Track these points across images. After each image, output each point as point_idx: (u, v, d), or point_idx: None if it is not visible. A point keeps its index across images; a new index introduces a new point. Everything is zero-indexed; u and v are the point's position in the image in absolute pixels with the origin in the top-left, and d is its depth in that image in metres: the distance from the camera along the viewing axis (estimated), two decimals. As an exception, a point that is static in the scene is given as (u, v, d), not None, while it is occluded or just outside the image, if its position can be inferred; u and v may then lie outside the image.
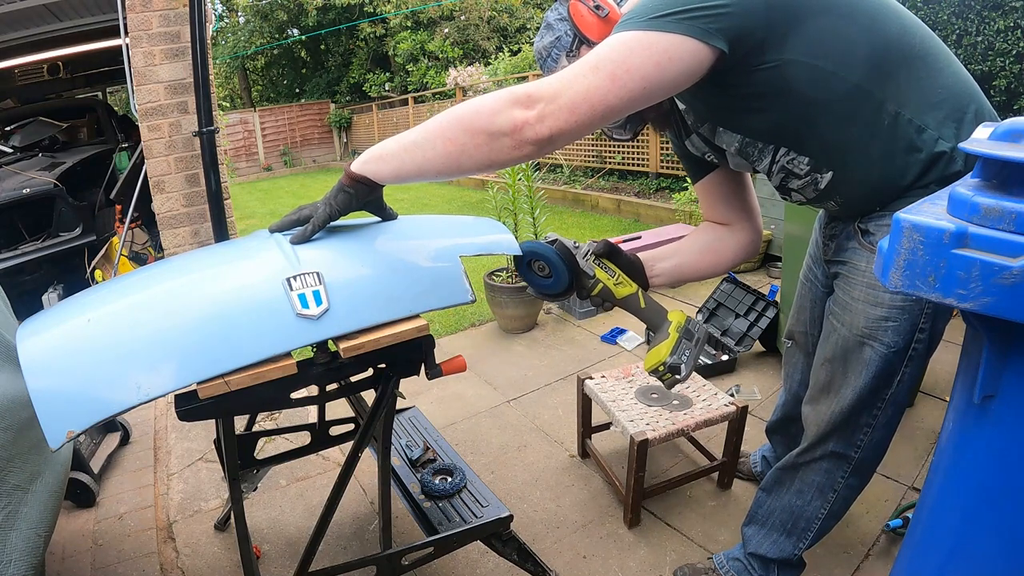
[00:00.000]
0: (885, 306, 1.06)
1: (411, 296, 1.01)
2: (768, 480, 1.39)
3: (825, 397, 1.20)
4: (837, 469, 1.23)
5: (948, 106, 0.96)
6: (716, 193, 1.28)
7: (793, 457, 1.30)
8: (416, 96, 11.44)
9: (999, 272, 0.56)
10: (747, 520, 1.44)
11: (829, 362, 1.18)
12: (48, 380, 0.82)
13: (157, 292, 0.98)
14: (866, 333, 1.09)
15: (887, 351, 1.08)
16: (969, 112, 0.97)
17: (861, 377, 1.11)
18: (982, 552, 0.72)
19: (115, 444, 2.17)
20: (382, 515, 1.22)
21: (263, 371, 0.89)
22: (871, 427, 1.16)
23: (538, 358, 2.83)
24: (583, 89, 0.82)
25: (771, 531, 1.36)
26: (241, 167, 13.50)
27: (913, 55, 0.95)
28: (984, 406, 0.68)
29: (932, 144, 0.95)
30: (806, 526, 1.30)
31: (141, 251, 4.04)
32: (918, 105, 0.95)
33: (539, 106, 0.82)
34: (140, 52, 2.44)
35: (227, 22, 15.74)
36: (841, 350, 1.14)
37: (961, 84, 0.98)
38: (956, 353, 0.79)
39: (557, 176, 7.31)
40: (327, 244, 1.04)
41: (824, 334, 1.21)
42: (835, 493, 1.25)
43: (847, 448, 1.20)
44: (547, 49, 1.03)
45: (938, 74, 0.96)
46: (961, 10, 3.26)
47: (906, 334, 1.06)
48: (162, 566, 1.65)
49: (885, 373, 1.10)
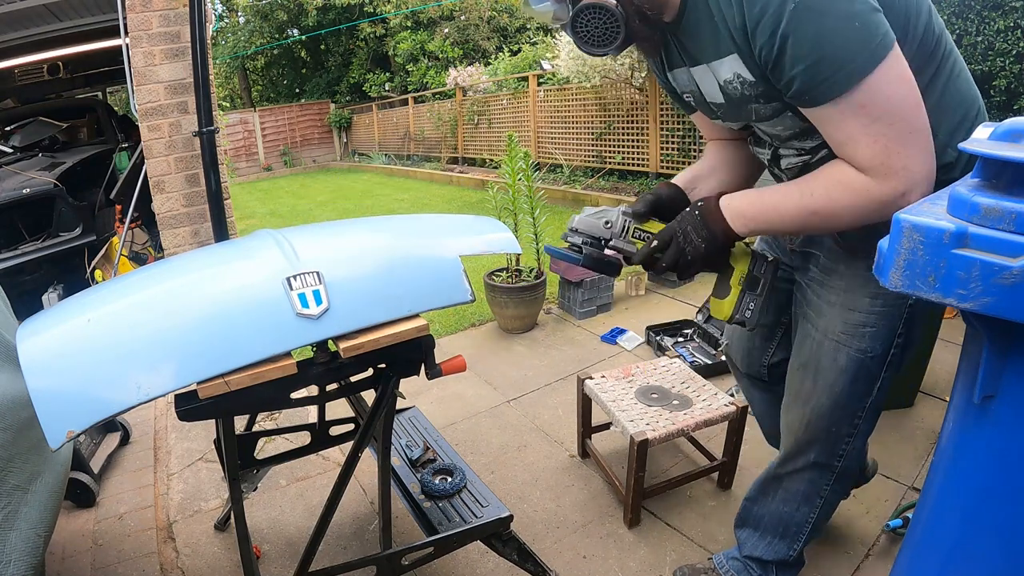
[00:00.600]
0: (863, 311, 1.02)
1: (411, 296, 1.01)
2: (752, 490, 1.38)
3: (801, 404, 1.16)
4: (820, 479, 1.20)
5: (960, 113, 0.92)
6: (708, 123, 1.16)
7: (775, 468, 1.27)
8: (416, 96, 11.45)
9: (999, 272, 0.56)
10: (738, 523, 1.43)
11: (803, 367, 1.14)
12: (48, 380, 0.82)
13: (157, 292, 0.98)
14: (842, 339, 1.05)
15: (864, 357, 1.04)
16: (979, 120, 0.93)
17: (837, 384, 1.08)
18: (982, 552, 0.72)
19: (115, 444, 2.16)
20: (382, 515, 1.22)
21: (263, 371, 0.90)
22: (852, 436, 1.13)
23: (538, 358, 2.83)
24: (898, 140, 0.80)
25: (764, 534, 1.34)
26: (241, 167, 13.51)
27: (943, 48, 0.90)
28: (984, 406, 0.68)
29: (940, 153, 0.89)
30: (797, 530, 1.29)
31: (141, 251, 4.04)
32: (936, 105, 0.89)
33: (893, 181, 0.81)
34: (140, 52, 2.44)
35: (227, 22, 15.74)
36: (815, 355, 1.10)
37: (972, 92, 0.95)
38: (956, 353, 0.79)
39: (557, 176, 7.31)
40: (327, 244, 1.04)
41: (798, 339, 1.17)
42: (821, 499, 1.23)
43: (829, 458, 1.17)
44: None
45: (956, 78, 0.92)
46: (961, 10, 3.26)
47: (885, 340, 1.03)
48: (162, 566, 1.65)
49: (863, 379, 1.07)
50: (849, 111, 0.79)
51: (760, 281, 1.01)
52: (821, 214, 0.87)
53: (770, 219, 0.93)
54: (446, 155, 10.35)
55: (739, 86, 0.90)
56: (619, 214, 1.03)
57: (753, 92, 0.89)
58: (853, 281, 1.03)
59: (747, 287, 1.01)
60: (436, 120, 10.41)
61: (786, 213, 0.91)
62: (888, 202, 0.81)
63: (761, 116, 0.94)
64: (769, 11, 0.75)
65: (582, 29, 0.87)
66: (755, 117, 0.96)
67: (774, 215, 0.92)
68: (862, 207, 0.83)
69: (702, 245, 0.95)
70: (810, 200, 0.87)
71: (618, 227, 1.02)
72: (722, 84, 0.92)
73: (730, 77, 0.90)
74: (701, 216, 0.95)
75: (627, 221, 1.03)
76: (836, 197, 0.85)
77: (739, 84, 0.90)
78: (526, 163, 3.10)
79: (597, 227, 1.02)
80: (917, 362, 2.06)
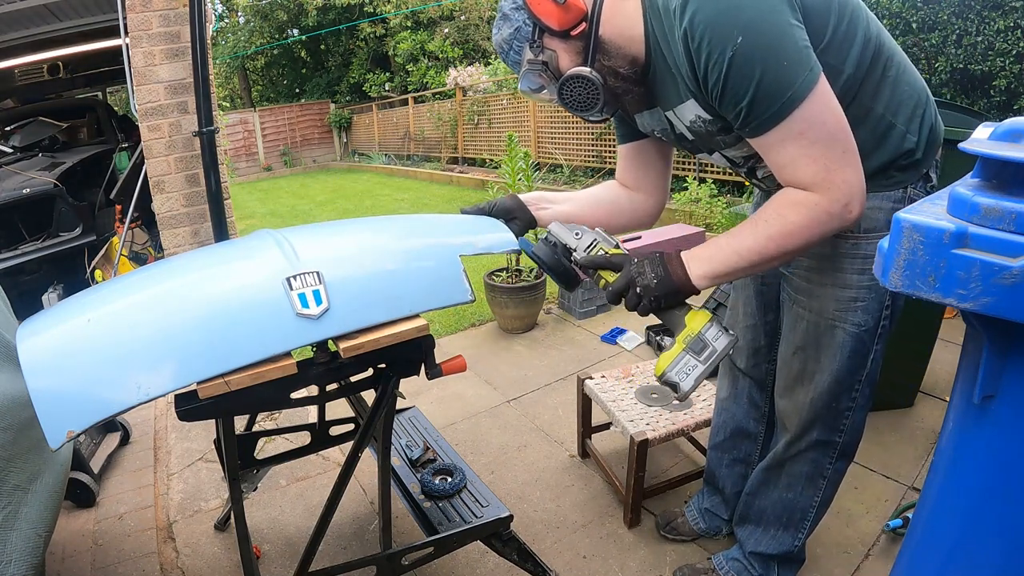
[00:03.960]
0: (854, 287, 1.07)
1: (411, 296, 1.01)
2: (752, 483, 1.38)
3: (801, 386, 1.19)
4: (824, 456, 1.23)
5: (912, 102, 1.01)
6: (639, 159, 1.25)
7: (779, 454, 1.29)
8: (416, 96, 11.45)
9: (999, 272, 0.56)
10: (739, 520, 1.43)
11: (802, 350, 1.17)
12: (48, 380, 0.82)
13: (157, 292, 0.98)
14: (837, 316, 1.10)
15: (858, 331, 1.09)
16: (930, 108, 1.03)
17: (836, 360, 1.12)
18: (982, 552, 0.72)
19: (115, 444, 2.16)
20: (382, 515, 1.22)
21: (263, 371, 0.90)
22: (851, 409, 1.17)
23: (538, 358, 2.83)
24: (831, 159, 0.89)
25: (768, 527, 1.35)
26: (241, 167, 13.51)
27: (885, 52, 0.99)
28: (984, 406, 0.68)
29: (900, 140, 1.00)
30: (802, 516, 1.30)
31: (141, 251, 4.04)
32: (889, 101, 0.99)
33: (836, 193, 0.89)
34: (140, 52, 2.44)
35: (227, 22, 15.74)
36: (812, 336, 1.14)
37: (920, 82, 1.04)
38: (956, 353, 0.79)
39: (557, 176, 7.31)
40: (327, 244, 1.04)
41: (789, 324, 1.21)
42: (824, 479, 1.26)
43: (831, 434, 1.20)
44: (507, 41, 0.99)
45: (904, 72, 1.01)
46: (961, 10, 3.27)
47: (875, 312, 1.08)
48: (162, 566, 1.65)
49: (859, 353, 1.11)
50: (789, 138, 0.89)
51: (707, 348, 0.94)
52: (776, 238, 0.92)
53: (727, 258, 0.96)
54: (446, 155, 10.35)
55: (702, 124, 1.02)
56: (592, 232, 1.06)
57: (714, 128, 1.01)
58: (841, 261, 1.07)
59: (691, 348, 0.95)
60: (436, 120, 10.40)
61: (743, 246, 0.95)
62: (835, 213, 0.89)
63: (727, 144, 1.06)
64: (712, 60, 0.87)
65: (568, 98, 0.99)
66: (723, 145, 1.08)
67: (730, 253, 0.96)
68: (813, 220, 0.90)
69: (654, 280, 0.96)
70: (764, 227, 0.93)
71: (585, 241, 1.05)
72: (688, 124, 1.05)
73: (693, 118, 1.02)
74: (661, 256, 0.99)
75: (595, 240, 1.05)
76: (789, 217, 0.91)
77: (702, 123, 1.02)
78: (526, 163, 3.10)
79: (568, 236, 1.06)
80: (917, 362, 2.06)
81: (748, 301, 1.39)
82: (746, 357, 1.43)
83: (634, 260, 1.00)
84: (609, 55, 0.97)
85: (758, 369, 1.43)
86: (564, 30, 0.95)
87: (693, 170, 5.36)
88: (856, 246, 1.05)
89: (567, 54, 0.97)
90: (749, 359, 1.43)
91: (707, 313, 0.98)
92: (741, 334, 1.42)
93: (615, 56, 0.97)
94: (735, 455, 1.53)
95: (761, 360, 1.41)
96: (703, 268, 0.97)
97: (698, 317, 0.97)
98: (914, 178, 1.03)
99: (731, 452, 1.53)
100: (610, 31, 0.96)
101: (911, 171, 1.03)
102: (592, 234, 1.06)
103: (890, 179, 1.02)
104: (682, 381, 0.94)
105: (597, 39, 0.96)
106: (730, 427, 1.51)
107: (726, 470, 1.55)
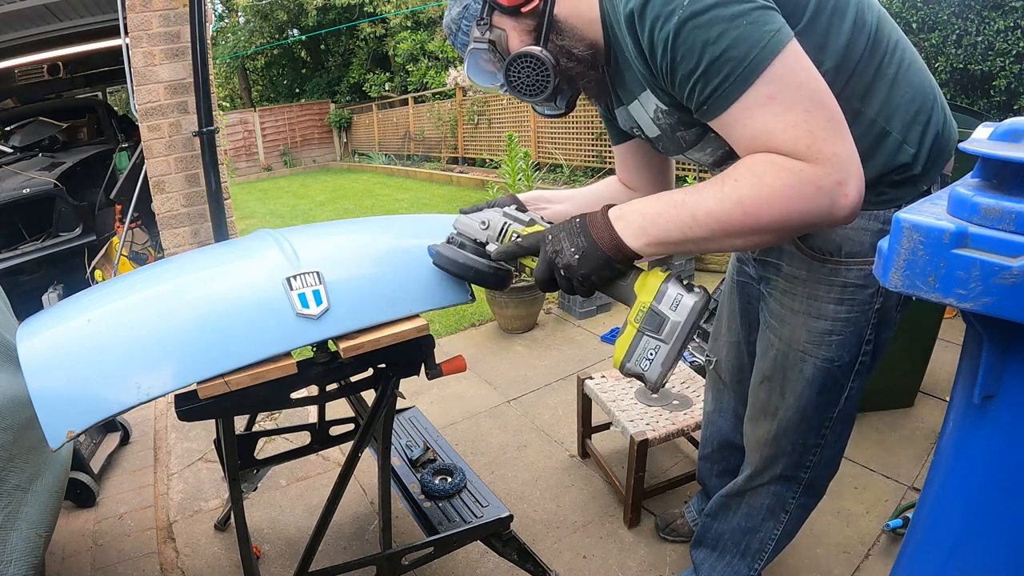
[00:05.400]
0: (828, 319, 0.96)
1: (411, 296, 1.01)
2: (712, 506, 1.31)
3: (764, 419, 1.11)
4: (787, 491, 1.16)
5: (914, 107, 0.87)
6: (634, 160, 1.15)
7: (740, 484, 1.22)
8: (416, 96, 11.45)
9: (999, 272, 0.56)
10: (695, 543, 1.37)
11: (768, 380, 1.08)
12: (48, 380, 0.82)
13: (157, 292, 0.98)
14: (808, 348, 0.99)
15: (830, 366, 0.99)
16: (936, 114, 0.89)
17: (803, 396, 1.03)
18: (982, 552, 0.72)
19: (115, 444, 2.17)
20: (382, 515, 1.22)
21: (263, 371, 0.90)
22: (820, 447, 1.09)
23: (538, 358, 2.83)
24: (808, 120, 0.71)
25: (723, 554, 1.28)
26: (241, 167, 13.51)
27: (885, 45, 0.87)
28: (984, 406, 0.68)
29: (894, 151, 0.86)
30: (760, 547, 1.23)
31: (141, 251, 4.04)
32: (884, 104, 0.86)
33: (827, 166, 0.70)
34: (140, 52, 2.44)
35: (227, 22, 15.74)
36: (780, 367, 1.05)
37: (927, 83, 0.90)
38: (956, 353, 0.79)
39: (557, 176, 7.31)
40: (327, 244, 1.04)
41: (761, 350, 1.10)
42: (787, 514, 1.18)
43: (796, 470, 1.12)
44: (455, 21, 0.91)
45: (907, 70, 0.88)
46: (961, 10, 3.26)
47: (852, 348, 0.97)
48: (162, 566, 1.65)
49: (830, 390, 1.01)
50: (757, 105, 0.71)
51: (666, 322, 0.73)
52: (746, 203, 0.71)
53: (680, 219, 0.75)
54: (446, 155, 10.35)
55: (662, 116, 0.89)
56: (500, 214, 0.88)
57: (672, 121, 0.88)
58: (817, 288, 0.96)
59: (646, 326, 0.74)
60: (436, 120, 10.41)
61: (701, 209, 0.73)
62: (825, 188, 0.69)
63: (689, 143, 0.92)
64: (656, 33, 0.74)
65: (515, 80, 0.86)
66: (683, 144, 0.93)
67: (684, 213, 0.74)
68: (794, 189, 0.69)
69: (575, 257, 0.78)
70: (733, 188, 0.72)
71: (496, 229, 0.87)
72: (652, 119, 0.92)
73: (653, 112, 0.89)
74: (580, 223, 0.80)
75: (506, 223, 0.87)
76: (765, 179, 0.70)
77: (661, 115, 0.89)
78: (526, 163, 3.10)
79: (474, 228, 0.88)
80: (917, 362, 2.06)
81: (732, 317, 1.29)
82: (730, 374, 1.35)
83: (548, 236, 0.82)
84: (564, 35, 0.85)
85: (743, 386, 1.31)
86: (514, 6, 0.84)
87: (693, 170, 5.36)
88: (834, 272, 0.93)
89: (517, 33, 0.86)
90: (733, 376, 1.35)
91: (659, 274, 0.77)
92: (724, 350, 1.34)
93: (570, 37, 0.86)
94: (724, 466, 1.47)
95: (745, 378, 1.29)
96: (643, 230, 0.77)
97: (648, 282, 0.76)
98: (910, 196, 0.87)
99: (720, 463, 1.48)
100: (566, 10, 0.85)
101: (906, 188, 0.88)
102: (500, 217, 0.87)
103: (880, 196, 0.88)
104: (646, 370, 0.75)
105: (552, 17, 0.84)
106: (717, 440, 1.45)
107: (716, 480, 1.49)
